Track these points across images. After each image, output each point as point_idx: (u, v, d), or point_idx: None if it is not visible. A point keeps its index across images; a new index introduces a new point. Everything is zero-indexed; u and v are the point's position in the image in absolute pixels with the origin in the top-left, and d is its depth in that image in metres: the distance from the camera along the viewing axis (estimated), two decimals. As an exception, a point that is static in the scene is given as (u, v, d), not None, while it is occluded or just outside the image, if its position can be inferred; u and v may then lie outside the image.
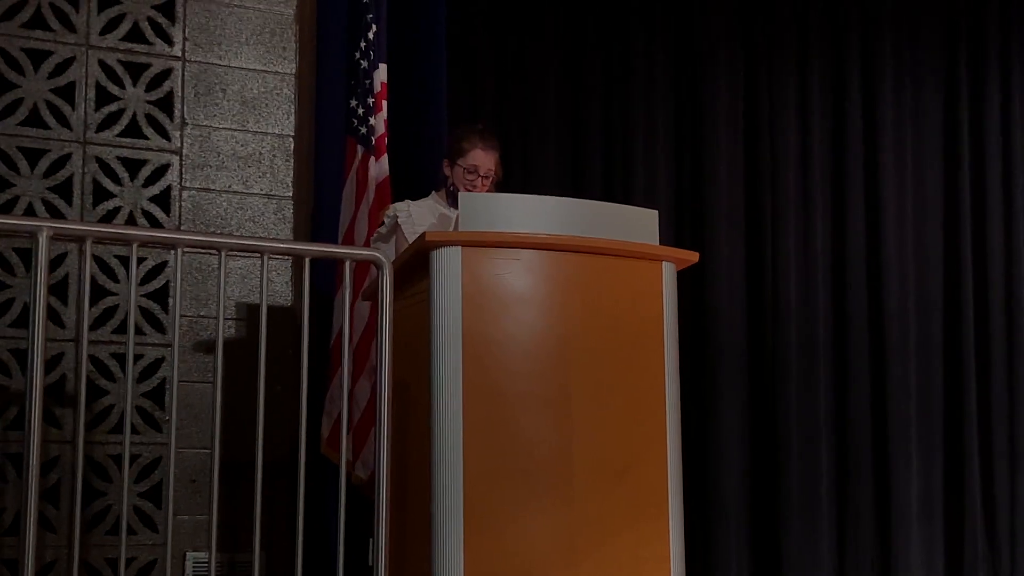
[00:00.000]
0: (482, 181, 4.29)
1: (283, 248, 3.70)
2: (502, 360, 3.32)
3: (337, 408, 4.51)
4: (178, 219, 4.39)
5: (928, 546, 6.36)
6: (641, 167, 6.09)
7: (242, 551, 4.14)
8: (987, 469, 6.48)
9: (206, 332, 4.37)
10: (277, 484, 4.12)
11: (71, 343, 4.19)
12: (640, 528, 3.40)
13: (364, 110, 4.72)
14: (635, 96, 6.14)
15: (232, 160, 4.48)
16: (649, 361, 3.49)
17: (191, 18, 4.47)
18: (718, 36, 6.32)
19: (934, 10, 6.70)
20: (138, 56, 4.40)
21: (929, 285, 6.53)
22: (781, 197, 6.32)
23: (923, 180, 6.60)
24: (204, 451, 4.28)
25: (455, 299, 3.30)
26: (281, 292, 4.49)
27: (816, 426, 6.23)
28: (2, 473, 4.06)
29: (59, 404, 4.15)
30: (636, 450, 3.43)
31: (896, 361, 6.37)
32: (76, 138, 4.29)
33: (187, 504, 4.26)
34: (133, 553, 4.19)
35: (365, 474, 4.54)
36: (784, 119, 6.39)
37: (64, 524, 4.11)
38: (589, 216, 3.49)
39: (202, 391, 4.32)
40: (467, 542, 3.22)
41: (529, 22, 6.05)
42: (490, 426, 3.28)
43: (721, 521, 6.03)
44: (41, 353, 2.98)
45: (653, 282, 3.53)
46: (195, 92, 4.46)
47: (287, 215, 4.55)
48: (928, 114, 6.65)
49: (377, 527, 3.30)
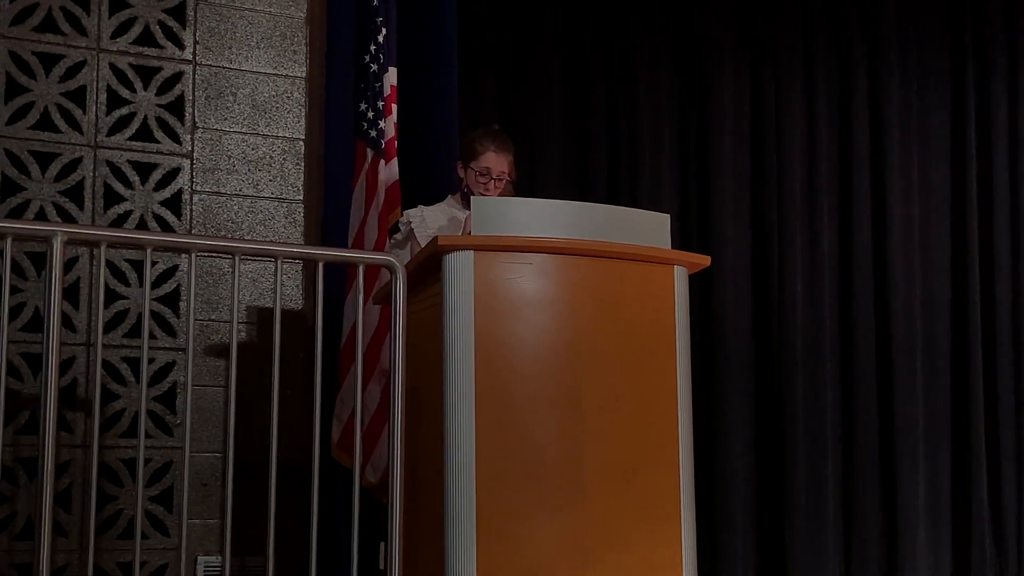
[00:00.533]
0: (495, 183, 4.30)
1: (297, 252, 3.71)
2: (514, 363, 3.32)
3: (348, 412, 4.52)
4: (189, 223, 4.39)
5: (935, 549, 6.36)
6: (647, 171, 6.10)
7: (253, 555, 4.14)
8: (994, 471, 6.48)
9: (217, 336, 4.37)
10: (287, 487, 4.13)
11: (83, 347, 4.20)
12: (651, 532, 3.40)
13: (374, 113, 4.73)
14: (641, 100, 6.14)
15: (243, 164, 4.49)
16: (661, 365, 3.49)
17: (202, 22, 4.48)
18: (724, 40, 6.32)
19: (939, 10, 6.70)
20: (149, 60, 4.41)
21: (935, 287, 6.53)
22: (787, 199, 6.32)
23: (929, 181, 6.60)
24: (215, 455, 4.28)
25: (467, 303, 3.30)
26: (292, 296, 4.50)
27: (823, 428, 6.23)
28: (14, 478, 4.06)
29: (71, 408, 4.16)
30: (647, 453, 3.43)
31: (903, 364, 6.36)
32: (87, 142, 4.30)
33: (198, 508, 4.26)
34: (145, 557, 4.19)
35: (375, 477, 4.54)
36: (790, 121, 6.39)
37: (76, 528, 4.12)
38: (601, 220, 3.49)
39: (213, 395, 4.33)
40: (479, 545, 3.22)
41: (533, 26, 6.06)
42: (502, 429, 3.28)
43: (728, 524, 6.03)
44: (56, 357, 2.99)
45: (665, 286, 3.53)
46: (206, 96, 4.46)
47: (298, 218, 4.56)
48: (934, 115, 6.65)
49: (390, 530, 3.31)
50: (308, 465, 3.39)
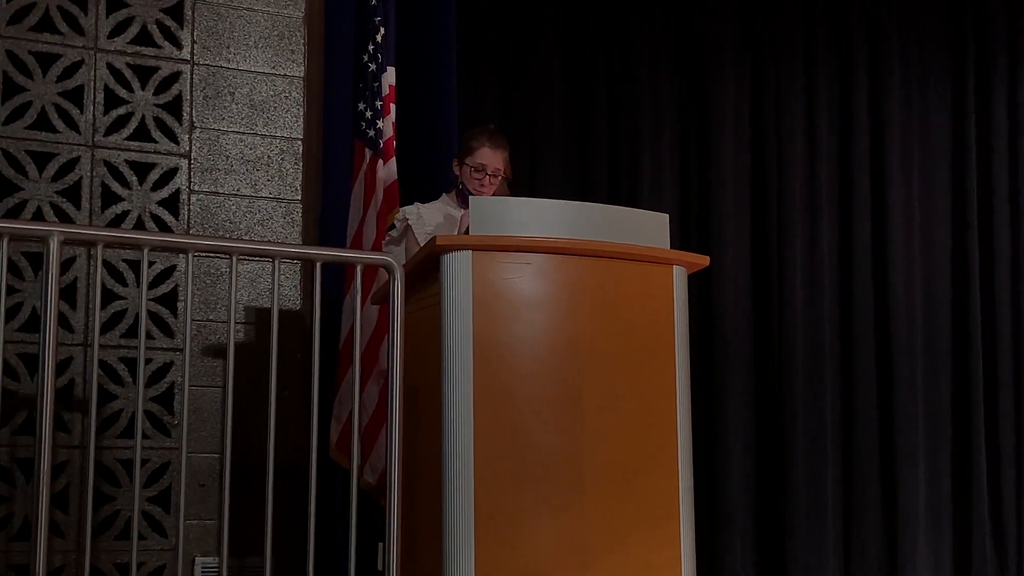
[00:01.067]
0: (490, 180, 4.32)
1: (294, 253, 3.69)
2: (513, 364, 3.32)
3: (346, 412, 4.51)
4: (187, 223, 4.38)
5: (935, 549, 6.35)
6: (647, 170, 6.10)
7: (250, 555, 4.13)
8: (994, 471, 6.48)
9: (215, 336, 4.36)
10: (285, 488, 4.12)
11: (80, 347, 4.18)
12: (650, 532, 3.40)
13: (372, 113, 4.72)
14: (641, 99, 6.15)
15: (241, 163, 4.47)
16: (660, 365, 3.49)
17: (199, 21, 4.46)
18: (724, 40, 6.32)
19: (939, 10, 6.70)
20: (146, 59, 4.40)
21: (936, 287, 6.54)
22: (787, 199, 6.33)
23: (930, 181, 6.60)
24: (213, 455, 4.27)
25: (466, 303, 3.30)
26: (290, 296, 4.49)
27: (822, 429, 6.23)
28: (11, 478, 4.05)
29: (68, 409, 4.14)
30: (647, 454, 3.43)
31: (903, 363, 6.37)
32: (84, 142, 4.29)
33: (196, 508, 4.25)
34: (142, 558, 4.17)
35: (373, 478, 4.54)
36: (790, 120, 6.40)
37: (73, 529, 4.10)
38: (599, 220, 3.49)
39: (211, 395, 4.31)
40: (478, 545, 3.22)
41: (532, 26, 6.06)
42: (500, 430, 3.28)
43: (727, 524, 6.03)
44: (53, 357, 2.98)
45: (664, 286, 3.53)
46: (203, 95, 4.45)
47: (296, 218, 4.54)
48: (935, 115, 6.65)
49: (388, 531, 3.30)
50: (306, 466, 3.38)
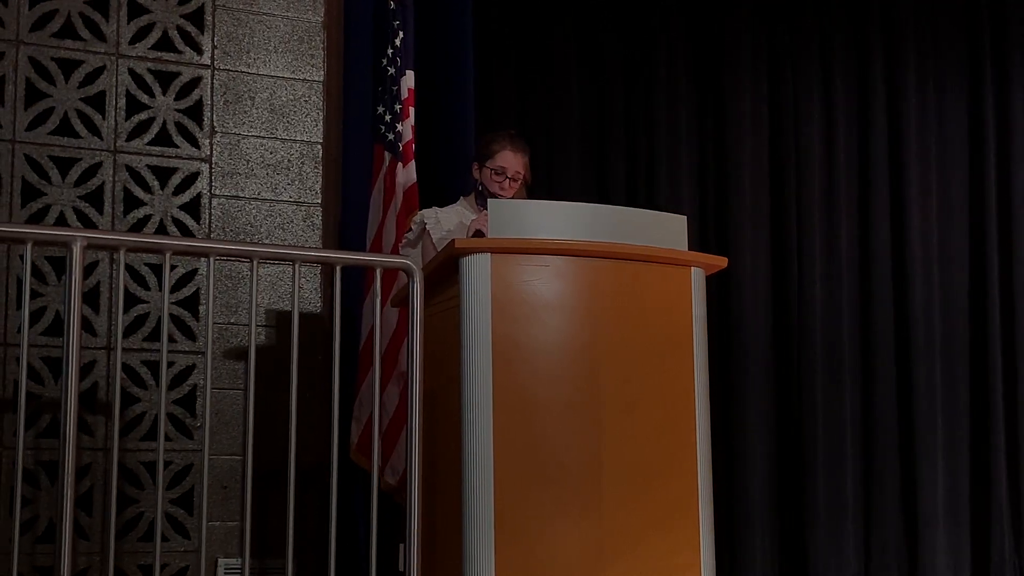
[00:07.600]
0: (510, 183, 4.33)
1: (314, 256, 3.72)
2: (532, 366, 3.33)
3: (366, 414, 4.54)
4: (208, 227, 4.41)
5: (954, 547, 6.34)
6: (665, 172, 6.10)
7: (272, 557, 4.16)
8: (1014, 470, 6.46)
9: (236, 339, 4.39)
10: (307, 490, 4.14)
11: (103, 351, 4.22)
12: (670, 535, 3.40)
13: (391, 116, 4.75)
14: (658, 100, 6.15)
15: (261, 168, 4.50)
16: (679, 367, 3.49)
17: (220, 26, 4.49)
18: (742, 41, 6.32)
19: (956, 10, 6.68)
20: (168, 65, 4.43)
21: (954, 285, 6.52)
22: (805, 200, 6.32)
23: (948, 180, 6.59)
24: (235, 457, 4.30)
25: (485, 306, 3.31)
26: (310, 299, 4.51)
27: (841, 428, 6.22)
28: (36, 481, 4.09)
29: (91, 412, 4.18)
30: (666, 456, 3.43)
31: (921, 362, 6.36)
32: (107, 147, 4.32)
33: (218, 510, 4.28)
34: (165, 559, 4.20)
35: (393, 480, 4.56)
36: (808, 121, 6.39)
37: (97, 531, 4.13)
38: (618, 222, 3.50)
39: (232, 398, 4.34)
40: (498, 547, 3.23)
41: (549, 28, 6.07)
42: (520, 432, 3.29)
43: (747, 523, 6.03)
44: (76, 361, 3.01)
45: (682, 287, 3.54)
46: (224, 100, 4.48)
47: (316, 222, 4.57)
48: (952, 115, 6.63)
49: (409, 532, 3.31)
50: (327, 467, 3.40)
